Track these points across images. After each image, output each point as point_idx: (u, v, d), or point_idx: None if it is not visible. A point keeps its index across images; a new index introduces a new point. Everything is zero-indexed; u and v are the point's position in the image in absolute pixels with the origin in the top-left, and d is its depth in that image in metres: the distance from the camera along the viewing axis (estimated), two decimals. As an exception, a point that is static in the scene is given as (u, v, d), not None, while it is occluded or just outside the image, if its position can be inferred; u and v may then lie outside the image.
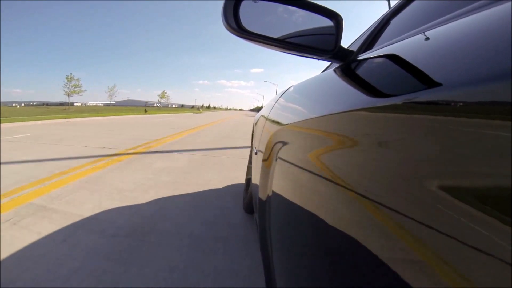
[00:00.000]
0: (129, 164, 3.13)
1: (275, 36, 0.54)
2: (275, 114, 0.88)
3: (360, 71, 0.45)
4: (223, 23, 0.52)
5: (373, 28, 0.71)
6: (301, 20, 0.58)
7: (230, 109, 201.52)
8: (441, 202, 0.17)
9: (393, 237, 0.21)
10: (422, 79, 0.24)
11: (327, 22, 0.55)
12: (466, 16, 0.28)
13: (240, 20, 0.53)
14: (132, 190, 2.19)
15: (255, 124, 1.54)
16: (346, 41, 0.68)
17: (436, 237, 0.17)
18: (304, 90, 0.71)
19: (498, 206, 0.13)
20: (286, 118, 0.69)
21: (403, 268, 0.19)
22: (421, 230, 0.18)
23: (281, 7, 0.58)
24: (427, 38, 0.31)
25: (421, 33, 0.35)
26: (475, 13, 0.26)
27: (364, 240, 0.24)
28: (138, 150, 4.11)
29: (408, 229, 0.19)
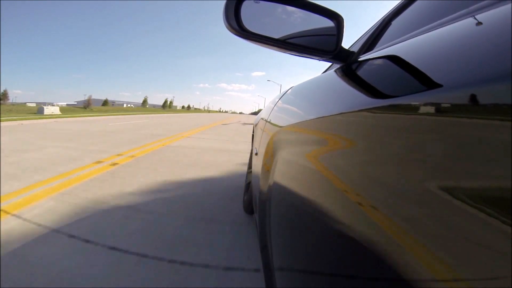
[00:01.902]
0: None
1: (276, 36, 0.54)
2: (275, 115, 0.88)
3: (361, 72, 0.45)
4: (225, 24, 0.52)
5: (374, 29, 0.71)
6: (302, 21, 0.58)
7: (225, 111, 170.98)
8: (442, 202, 0.17)
9: (394, 237, 0.21)
10: (423, 80, 0.24)
11: (328, 23, 0.55)
12: (467, 18, 0.28)
13: (241, 21, 0.53)
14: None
15: (256, 125, 1.54)
16: (347, 42, 0.68)
17: (437, 238, 0.17)
18: (305, 91, 0.71)
19: (499, 206, 0.13)
20: (286, 119, 0.69)
21: (403, 268, 0.19)
22: (421, 230, 0.18)
23: (282, 7, 0.58)
24: (428, 39, 0.31)
25: (422, 34, 0.35)
26: (476, 14, 0.26)
27: (364, 241, 0.24)
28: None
29: (409, 229, 0.19)
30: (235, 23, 0.52)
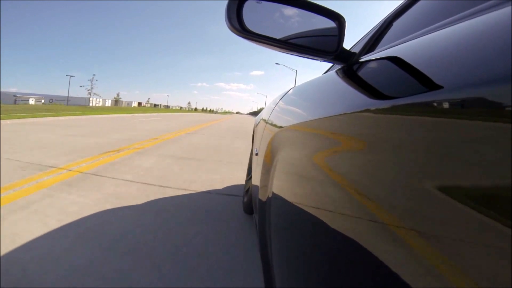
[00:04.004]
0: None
1: (277, 37, 0.54)
2: (276, 115, 0.88)
3: (362, 73, 0.45)
4: (226, 24, 0.52)
5: (375, 30, 0.71)
6: (303, 21, 0.58)
7: (214, 111, 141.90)
8: (443, 203, 0.17)
9: (394, 238, 0.21)
10: (424, 82, 0.24)
11: (329, 23, 0.55)
12: (468, 19, 0.28)
13: (243, 21, 0.53)
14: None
15: (256, 125, 1.55)
16: (349, 43, 0.68)
17: (438, 238, 0.17)
18: (306, 92, 0.71)
19: (499, 207, 0.13)
20: (287, 120, 0.69)
21: (403, 269, 0.19)
22: (422, 231, 0.18)
23: (283, 8, 0.58)
24: (429, 41, 0.31)
25: (423, 36, 0.35)
26: (477, 16, 0.26)
27: (364, 241, 0.24)
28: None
29: (409, 230, 0.19)
30: (237, 23, 0.52)
